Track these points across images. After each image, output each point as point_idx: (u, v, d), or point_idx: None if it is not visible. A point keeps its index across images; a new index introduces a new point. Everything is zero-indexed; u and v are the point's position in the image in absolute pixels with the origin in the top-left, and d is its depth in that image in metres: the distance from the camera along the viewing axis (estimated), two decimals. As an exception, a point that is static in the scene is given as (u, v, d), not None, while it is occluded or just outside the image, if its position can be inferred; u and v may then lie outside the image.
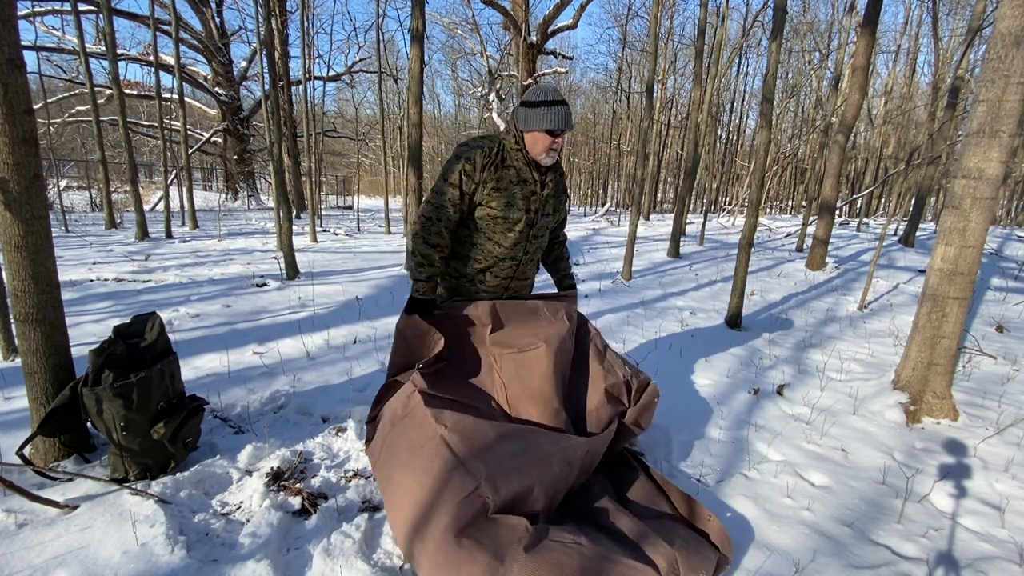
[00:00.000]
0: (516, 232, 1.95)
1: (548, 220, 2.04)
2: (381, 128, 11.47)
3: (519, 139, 1.88)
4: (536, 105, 1.82)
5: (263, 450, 2.09)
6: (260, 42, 7.12)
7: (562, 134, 1.85)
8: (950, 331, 2.65)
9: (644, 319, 4.43)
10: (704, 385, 3.09)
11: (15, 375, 2.47)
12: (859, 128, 18.91)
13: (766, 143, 4.21)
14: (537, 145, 1.85)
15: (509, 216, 1.92)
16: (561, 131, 1.83)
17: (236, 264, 6.07)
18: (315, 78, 16.91)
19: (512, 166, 1.91)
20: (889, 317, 4.67)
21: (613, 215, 16.19)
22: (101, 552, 1.52)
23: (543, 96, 1.82)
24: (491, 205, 1.89)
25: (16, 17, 1.73)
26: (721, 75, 12.75)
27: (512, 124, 1.91)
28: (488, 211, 1.91)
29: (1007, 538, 1.82)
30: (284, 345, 3.38)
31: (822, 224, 6.78)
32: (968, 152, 2.49)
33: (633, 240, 6.02)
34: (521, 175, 1.91)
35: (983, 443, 2.42)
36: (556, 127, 1.80)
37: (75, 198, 14.02)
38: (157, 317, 2.06)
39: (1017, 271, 6.92)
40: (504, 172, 1.89)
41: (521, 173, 1.91)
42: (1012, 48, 2.32)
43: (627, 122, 23.81)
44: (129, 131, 8.58)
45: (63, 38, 13.11)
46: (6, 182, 1.72)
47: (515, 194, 1.90)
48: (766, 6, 10.92)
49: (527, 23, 12.43)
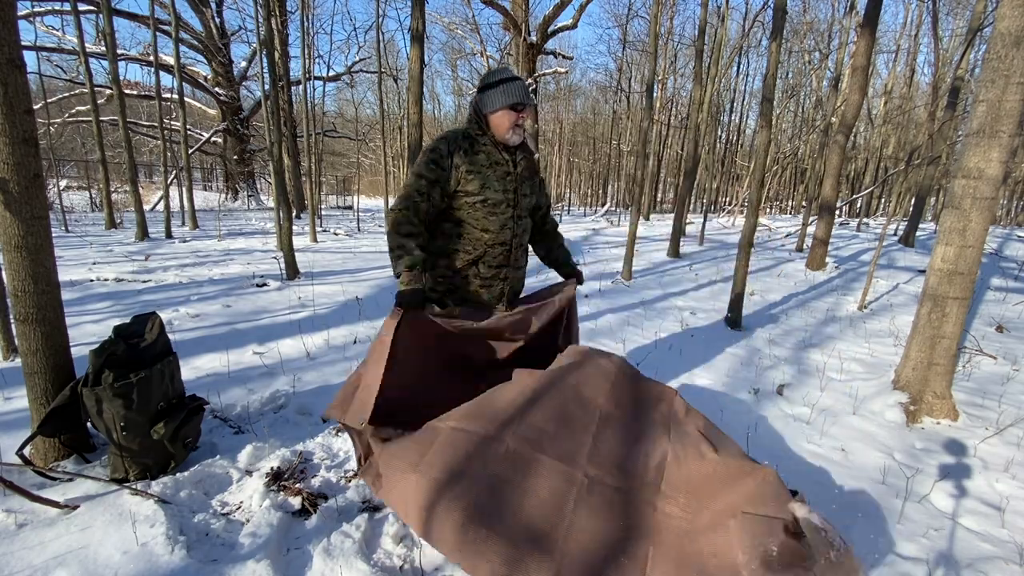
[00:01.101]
0: (501, 215, 1.94)
1: (528, 200, 2.04)
2: (381, 128, 11.47)
3: (483, 124, 1.91)
4: (494, 85, 1.86)
5: (263, 450, 2.09)
6: (260, 42, 7.12)
7: (524, 108, 1.87)
8: (950, 331, 2.65)
9: (644, 319, 4.43)
10: (704, 385, 3.09)
11: (15, 375, 2.47)
12: (859, 128, 18.92)
13: (766, 143, 4.21)
14: (503, 123, 1.87)
15: (489, 197, 1.91)
16: (523, 104, 1.85)
17: (236, 264, 6.07)
18: (315, 78, 16.91)
19: (481, 151, 1.91)
20: (889, 317, 4.67)
21: (613, 215, 16.19)
22: (101, 552, 1.52)
23: (498, 76, 1.87)
24: (468, 189, 1.89)
25: (16, 17, 1.73)
26: (721, 75, 12.76)
27: (473, 112, 1.93)
28: (467, 197, 1.90)
29: (1007, 538, 1.81)
30: (284, 345, 3.38)
31: (822, 224, 6.78)
32: (968, 152, 2.49)
33: (633, 240, 6.02)
34: (492, 158, 1.92)
35: (983, 443, 2.42)
36: (518, 100, 1.84)
37: (75, 198, 14.02)
38: (157, 317, 2.06)
39: (1017, 271, 6.92)
40: (475, 157, 1.90)
41: (491, 156, 1.92)
42: (1012, 48, 2.32)
43: (627, 122, 23.82)
44: (129, 131, 8.58)
45: (63, 38, 13.12)
46: (6, 182, 1.72)
47: (489, 176, 1.90)
48: (766, 6, 10.93)
49: (527, 23, 12.43)
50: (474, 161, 1.89)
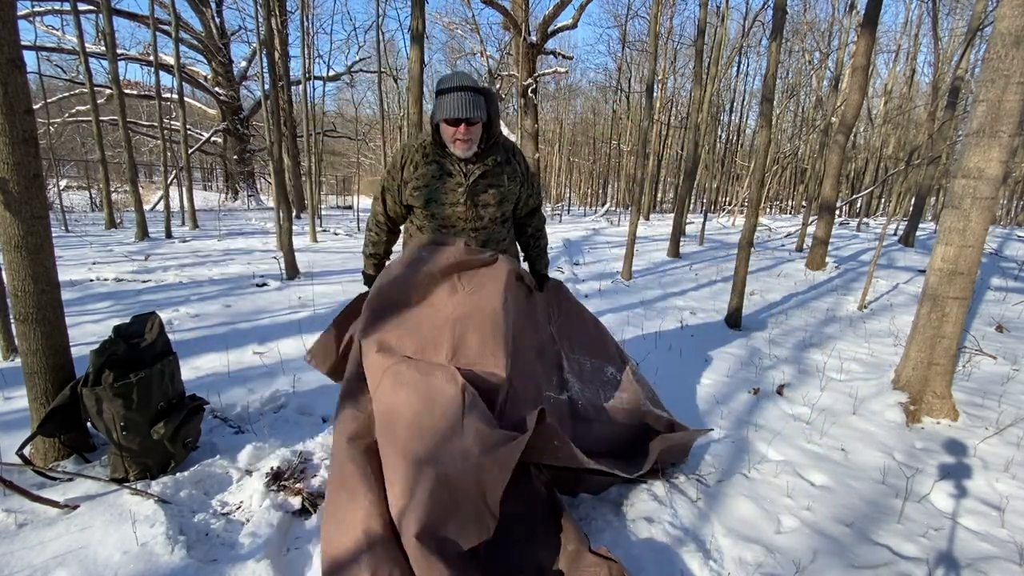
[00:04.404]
0: (452, 228, 1.93)
1: (491, 210, 1.93)
2: (381, 128, 11.47)
3: (436, 133, 1.82)
4: (437, 95, 1.75)
5: (263, 450, 2.09)
6: (260, 42, 7.12)
7: (461, 124, 1.72)
8: (950, 331, 2.65)
9: (644, 319, 4.42)
10: (704, 385, 3.09)
11: (15, 375, 2.47)
12: (859, 128, 18.92)
13: (766, 143, 4.21)
14: (446, 136, 1.79)
15: (435, 212, 1.91)
16: (457, 120, 1.71)
17: (236, 264, 6.06)
18: (315, 78, 16.91)
19: (435, 161, 1.86)
20: (889, 317, 4.67)
21: (613, 215, 16.19)
22: (101, 552, 1.52)
23: (443, 84, 1.75)
24: (415, 204, 1.93)
25: (16, 17, 1.73)
26: (721, 75, 12.76)
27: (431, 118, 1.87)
28: (416, 209, 1.95)
29: (1007, 538, 1.81)
30: (284, 345, 3.38)
31: (822, 224, 6.78)
32: (968, 152, 2.49)
33: (633, 240, 6.02)
34: (444, 168, 1.86)
35: (983, 443, 2.42)
36: (451, 115, 1.69)
37: (75, 198, 14.00)
38: (157, 317, 2.06)
39: (1017, 271, 6.92)
40: (426, 169, 1.86)
41: (444, 166, 1.86)
42: (1012, 48, 2.32)
43: (627, 122, 23.80)
44: (129, 131, 8.58)
45: (63, 38, 13.11)
46: (6, 182, 1.72)
47: (437, 189, 1.86)
48: (766, 6, 10.93)
49: (527, 23, 12.42)
50: (424, 174, 1.87)
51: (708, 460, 2.24)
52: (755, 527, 1.82)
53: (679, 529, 1.78)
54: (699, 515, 1.87)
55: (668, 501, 1.91)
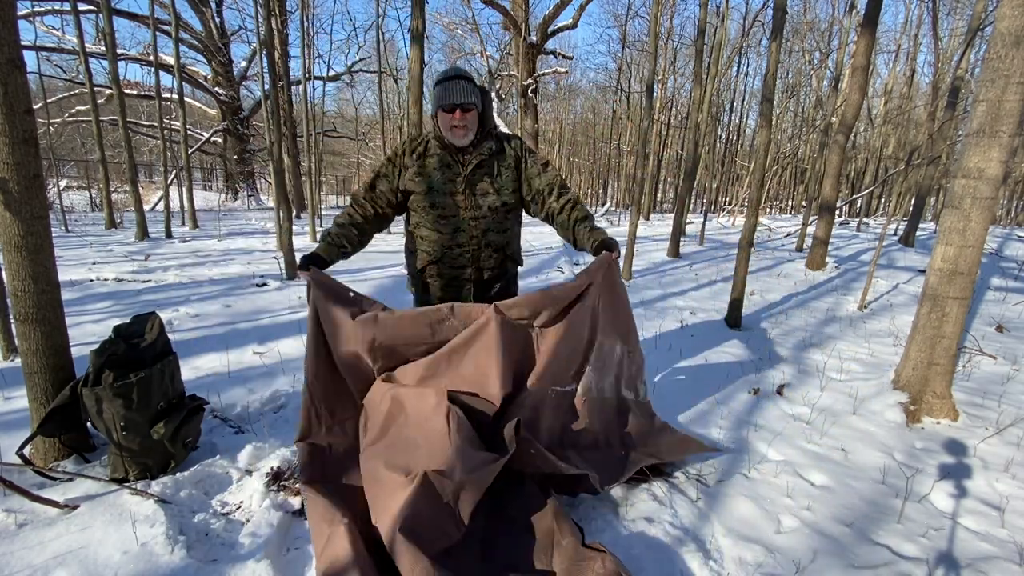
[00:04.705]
0: (452, 218, 1.97)
1: (492, 199, 1.96)
2: (381, 128, 11.48)
3: (436, 127, 1.94)
4: (434, 87, 1.89)
5: (263, 450, 2.09)
6: (260, 42, 7.12)
7: (457, 109, 1.84)
8: (950, 331, 2.65)
9: (644, 319, 4.42)
10: (704, 385, 3.09)
11: (15, 375, 2.47)
12: (859, 128, 18.91)
13: (766, 143, 4.21)
14: (443, 125, 1.89)
15: (436, 202, 1.96)
16: (455, 105, 1.83)
17: (236, 264, 6.06)
18: (315, 78, 16.91)
19: (435, 154, 1.96)
20: (889, 317, 4.67)
21: (613, 215, 16.19)
22: (101, 552, 1.52)
23: (440, 76, 1.89)
24: (415, 189, 1.97)
25: (16, 17, 1.73)
26: (721, 75, 12.76)
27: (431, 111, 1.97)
28: (416, 197, 1.98)
29: (1007, 538, 1.81)
30: (284, 345, 3.38)
31: (822, 224, 6.78)
32: (968, 152, 2.49)
33: (633, 240, 6.02)
34: (443, 161, 1.96)
35: (983, 443, 2.42)
36: (447, 101, 1.83)
37: (75, 198, 14.00)
38: (157, 317, 2.06)
39: (1017, 271, 6.92)
40: (427, 160, 1.97)
41: (443, 159, 1.96)
42: (1012, 48, 2.32)
43: (627, 122, 23.80)
44: (129, 131, 8.58)
45: (63, 38, 13.11)
46: (6, 182, 1.72)
47: (436, 179, 1.95)
48: (766, 6, 10.93)
49: (527, 23, 12.43)
50: (426, 164, 1.96)
51: (708, 460, 2.24)
52: (755, 527, 1.82)
53: (679, 529, 1.78)
54: (699, 515, 1.87)
55: (668, 501, 1.91)
